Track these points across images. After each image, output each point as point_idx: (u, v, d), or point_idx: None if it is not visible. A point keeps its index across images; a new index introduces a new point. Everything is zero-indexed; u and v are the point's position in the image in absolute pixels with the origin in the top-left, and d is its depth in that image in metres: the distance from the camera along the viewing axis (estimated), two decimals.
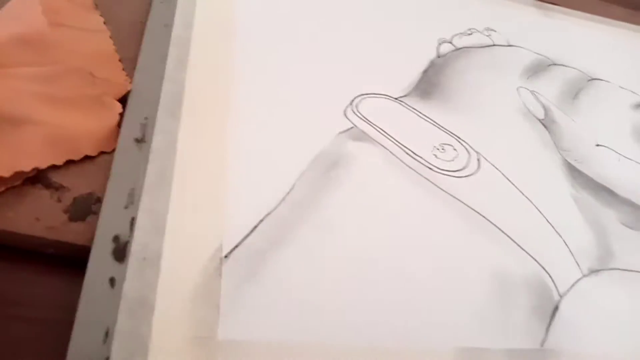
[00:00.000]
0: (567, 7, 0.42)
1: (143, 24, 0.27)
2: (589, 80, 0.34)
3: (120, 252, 0.18)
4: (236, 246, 0.19)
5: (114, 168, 0.21)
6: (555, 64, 0.34)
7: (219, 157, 0.21)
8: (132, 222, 0.19)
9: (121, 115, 0.22)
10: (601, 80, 0.35)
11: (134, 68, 0.25)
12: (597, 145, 0.29)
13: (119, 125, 0.22)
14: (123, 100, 0.23)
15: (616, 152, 0.29)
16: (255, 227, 0.19)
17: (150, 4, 0.28)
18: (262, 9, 0.29)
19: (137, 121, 0.22)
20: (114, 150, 0.21)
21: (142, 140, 0.21)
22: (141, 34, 0.26)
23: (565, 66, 0.34)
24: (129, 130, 0.22)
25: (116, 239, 0.18)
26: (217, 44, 0.26)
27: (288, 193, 0.21)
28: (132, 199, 0.19)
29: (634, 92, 0.35)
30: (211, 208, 0.20)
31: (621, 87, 0.35)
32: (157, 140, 0.21)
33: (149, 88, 0.23)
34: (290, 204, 0.21)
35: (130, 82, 0.24)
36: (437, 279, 0.20)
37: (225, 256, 0.18)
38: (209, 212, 0.19)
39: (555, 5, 0.42)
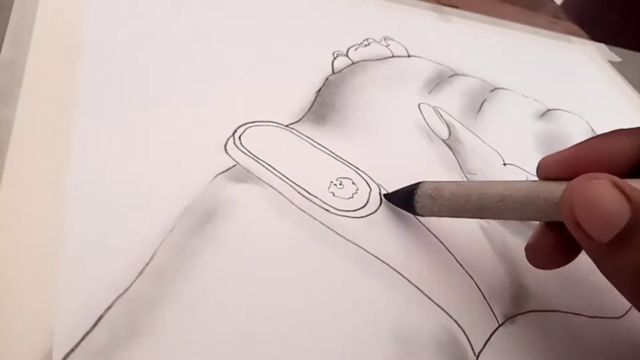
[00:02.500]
0: (466, 10, 0.41)
1: None
2: (492, 90, 0.32)
3: None
4: (73, 349, 0.14)
5: None
6: (457, 74, 0.32)
7: (52, 224, 0.17)
8: None
9: None
10: (503, 89, 0.33)
11: None
12: (505, 164, 0.27)
13: None
14: None
15: (524, 170, 0.27)
16: (101, 317, 0.15)
17: None
18: (116, 23, 0.24)
19: None
20: None
21: None
22: None
23: (467, 76, 0.33)
24: None
25: None
26: (58, 69, 0.21)
27: (147, 264, 0.17)
28: None
29: (535, 100, 0.34)
30: (39, 298, 0.15)
31: (524, 96, 0.34)
32: None
33: None
34: (150, 277, 0.16)
35: None
36: (334, 342, 0.17)
37: None
38: (36, 304, 0.15)
39: (454, 8, 0.41)
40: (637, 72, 0.44)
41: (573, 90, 0.38)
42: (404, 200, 0.21)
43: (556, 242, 0.18)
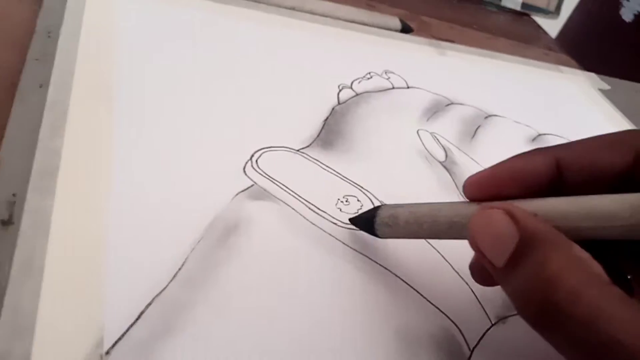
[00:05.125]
0: (460, 44, 0.44)
1: (15, 85, 0.24)
2: (486, 117, 0.35)
3: None
4: (119, 339, 0.17)
5: None
6: (453, 103, 0.35)
7: (98, 236, 0.19)
8: None
9: None
10: (497, 116, 0.36)
11: (3, 137, 0.22)
12: None
13: None
14: None
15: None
16: (142, 313, 0.18)
17: (22, 65, 0.25)
18: (146, 64, 0.28)
19: (3, 199, 0.20)
20: None
21: (8, 222, 0.19)
22: (12, 97, 0.24)
23: (463, 104, 0.35)
24: None
25: None
26: (98, 106, 0.24)
27: (180, 269, 0.19)
28: None
29: (527, 126, 0.37)
30: (89, 296, 0.17)
31: (516, 122, 0.36)
32: (27, 222, 0.19)
33: (18, 160, 0.21)
34: (182, 282, 0.19)
35: None
36: (342, 342, 0.19)
37: (107, 352, 0.16)
38: (87, 301, 0.17)
39: (450, 42, 0.44)
40: (626, 99, 0.47)
41: (563, 116, 0.40)
42: (365, 225, 0.22)
43: None
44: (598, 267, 0.15)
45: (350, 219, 0.23)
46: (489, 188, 0.18)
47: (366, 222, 0.22)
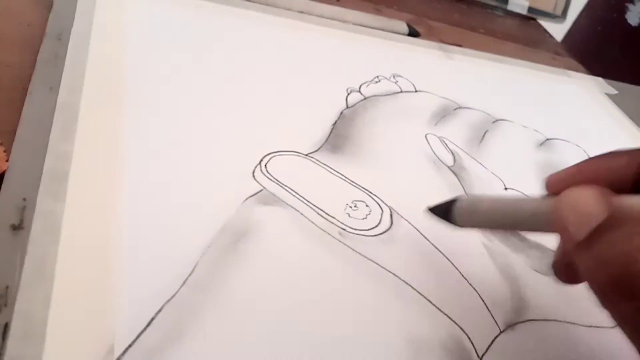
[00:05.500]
0: (469, 48, 0.44)
1: (25, 88, 0.25)
2: (494, 121, 0.35)
3: None
4: (130, 345, 0.17)
5: None
6: (461, 107, 0.35)
7: (109, 240, 0.19)
8: (6, 329, 0.16)
9: None
10: (505, 120, 0.36)
11: (14, 140, 0.22)
12: (506, 188, 0.29)
13: None
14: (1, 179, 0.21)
15: (524, 194, 0.30)
16: (153, 319, 0.18)
17: (33, 68, 0.25)
18: (157, 68, 0.28)
19: (13, 204, 0.20)
20: None
21: (19, 227, 0.19)
22: (23, 100, 0.24)
23: (471, 109, 0.35)
24: (4, 216, 0.19)
25: None
26: (108, 109, 0.24)
27: (190, 274, 0.19)
28: (5, 300, 0.17)
29: (535, 130, 0.36)
30: (100, 302, 0.17)
31: (524, 126, 0.36)
32: (37, 226, 0.19)
33: (28, 163, 0.21)
34: (193, 287, 0.19)
35: (8, 159, 0.21)
36: (352, 350, 0.19)
37: (118, 359, 0.16)
38: (97, 307, 0.17)
39: (458, 46, 0.44)
40: (633, 104, 0.47)
41: (571, 120, 0.40)
42: (444, 213, 0.22)
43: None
44: None
45: (429, 208, 0.23)
46: (572, 185, 0.18)
47: (445, 210, 0.22)
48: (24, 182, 0.20)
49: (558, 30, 0.64)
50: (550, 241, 0.25)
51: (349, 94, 0.32)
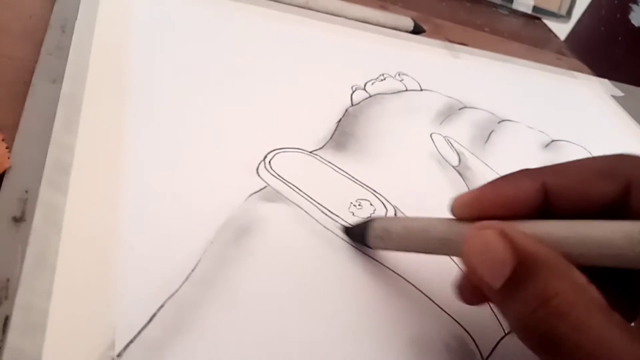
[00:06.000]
0: (474, 47, 0.44)
1: (28, 80, 0.24)
2: (499, 122, 0.35)
3: None
4: (131, 340, 0.16)
5: None
6: (466, 107, 0.35)
7: (111, 234, 0.19)
8: (6, 321, 0.16)
9: None
10: (510, 121, 0.36)
11: (16, 132, 0.22)
12: None
13: None
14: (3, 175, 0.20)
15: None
16: (154, 314, 0.17)
17: (36, 60, 0.25)
18: (160, 60, 0.27)
19: (15, 196, 0.19)
20: None
21: (20, 219, 0.19)
22: (26, 92, 0.24)
23: (476, 108, 0.35)
24: (5, 208, 0.19)
25: None
26: (111, 101, 0.24)
27: (193, 270, 0.19)
28: (6, 293, 0.17)
29: (541, 131, 0.36)
30: (101, 296, 0.17)
31: (529, 127, 0.36)
32: (39, 219, 0.19)
33: (31, 155, 0.21)
34: (195, 282, 0.19)
35: (10, 156, 0.21)
36: (354, 348, 0.19)
37: (119, 355, 0.16)
38: (99, 301, 0.17)
39: (463, 45, 0.44)
40: (639, 106, 0.46)
41: (577, 122, 0.40)
42: (358, 236, 0.22)
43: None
44: (597, 292, 0.15)
45: (344, 230, 0.23)
46: (476, 210, 0.18)
47: (359, 233, 0.22)
48: (26, 174, 0.20)
49: (561, 30, 0.64)
50: None
51: (354, 91, 0.32)
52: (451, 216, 0.19)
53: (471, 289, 0.20)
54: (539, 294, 0.15)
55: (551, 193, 0.18)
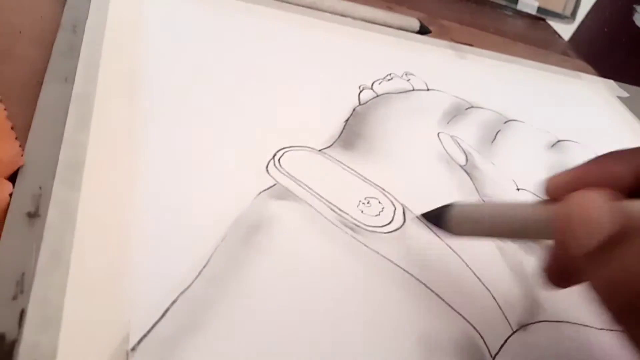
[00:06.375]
0: (480, 48, 0.44)
1: (41, 79, 0.24)
2: (506, 122, 0.35)
3: (7, 354, 0.15)
4: (145, 335, 0.17)
5: (0, 251, 0.18)
6: (473, 107, 0.35)
7: (124, 230, 0.19)
8: (22, 315, 0.16)
9: (12, 195, 0.20)
10: (516, 121, 0.36)
11: (29, 131, 0.22)
12: (518, 189, 0.29)
13: None
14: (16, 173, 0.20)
15: (536, 195, 0.29)
16: (167, 310, 0.18)
17: (47, 61, 0.25)
18: (170, 60, 0.28)
19: (29, 192, 0.20)
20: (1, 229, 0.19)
21: (35, 215, 0.19)
22: (38, 91, 0.24)
23: (483, 108, 0.35)
24: (20, 204, 0.19)
25: (1, 338, 0.16)
26: (123, 100, 0.24)
27: (204, 267, 0.19)
28: (21, 287, 0.17)
29: (547, 132, 0.36)
30: (115, 291, 0.17)
31: (536, 127, 0.36)
32: (53, 214, 0.19)
33: (44, 153, 0.21)
34: (207, 279, 0.19)
35: (23, 154, 0.21)
36: (364, 346, 0.19)
37: (133, 349, 0.16)
38: (113, 296, 0.17)
39: (469, 45, 0.44)
40: None
41: (582, 123, 0.40)
42: (438, 220, 0.22)
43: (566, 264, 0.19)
44: None
45: (423, 214, 0.22)
46: (572, 190, 0.17)
47: (438, 217, 0.21)
48: (40, 171, 0.20)
49: (565, 31, 0.64)
50: None
51: (361, 91, 0.32)
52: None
53: (559, 271, 0.19)
54: (637, 252, 0.14)
55: None
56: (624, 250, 0.15)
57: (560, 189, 0.18)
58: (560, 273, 0.20)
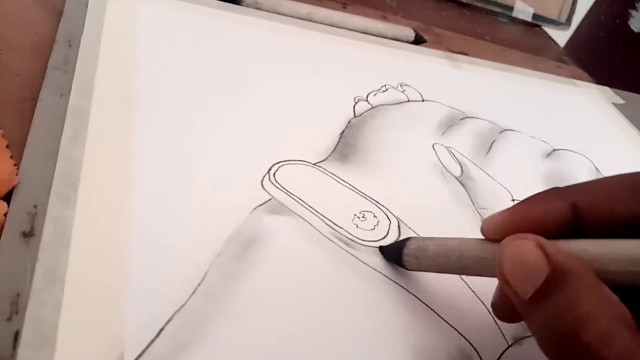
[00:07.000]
0: (475, 57, 0.44)
1: (36, 95, 0.25)
2: (501, 131, 0.35)
3: None
4: (140, 354, 0.17)
5: None
6: (468, 117, 0.35)
7: (118, 247, 0.19)
8: (16, 336, 0.16)
9: (7, 214, 0.20)
10: (512, 130, 0.36)
11: (24, 147, 0.22)
12: (513, 199, 0.29)
13: None
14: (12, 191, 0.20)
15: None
16: (163, 328, 0.18)
17: (43, 76, 0.25)
18: (166, 74, 0.28)
19: (24, 211, 0.20)
20: None
21: (30, 234, 0.19)
22: (33, 107, 0.24)
23: (478, 118, 0.35)
24: (15, 223, 0.19)
25: None
26: (118, 115, 0.24)
27: (200, 283, 0.19)
28: (16, 308, 0.17)
29: (543, 141, 0.36)
30: (110, 310, 0.18)
31: (531, 137, 0.36)
32: (48, 233, 0.19)
33: (39, 170, 0.21)
34: (202, 295, 0.19)
35: (18, 173, 0.21)
36: None
37: None
38: (107, 315, 0.17)
39: (464, 55, 0.44)
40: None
41: (578, 131, 0.40)
42: (394, 256, 0.23)
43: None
44: (625, 309, 0.15)
45: (379, 249, 0.23)
46: (507, 231, 0.18)
47: (395, 253, 0.22)
48: (35, 189, 0.20)
49: (560, 36, 0.64)
50: None
51: (356, 102, 0.32)
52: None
53: (506, 306, 0.20)
54: (567, 302, 0.15)
55: (581, 211, 0.18)
56: (555, 294, 0.15)
57: (496, 230, 0.18)
58: (506, 309, 0.20)
